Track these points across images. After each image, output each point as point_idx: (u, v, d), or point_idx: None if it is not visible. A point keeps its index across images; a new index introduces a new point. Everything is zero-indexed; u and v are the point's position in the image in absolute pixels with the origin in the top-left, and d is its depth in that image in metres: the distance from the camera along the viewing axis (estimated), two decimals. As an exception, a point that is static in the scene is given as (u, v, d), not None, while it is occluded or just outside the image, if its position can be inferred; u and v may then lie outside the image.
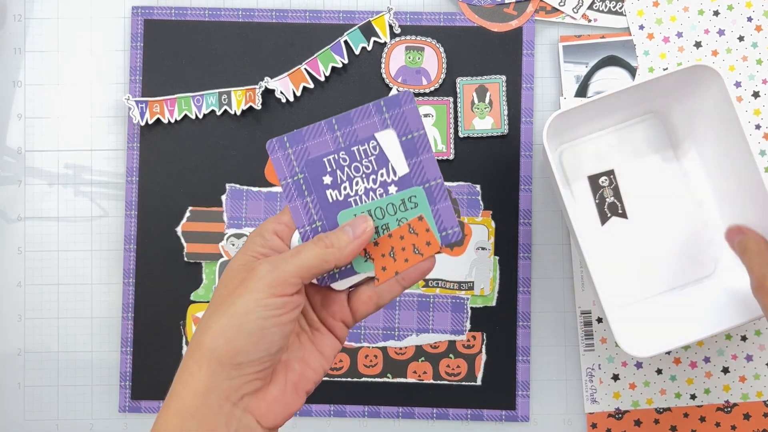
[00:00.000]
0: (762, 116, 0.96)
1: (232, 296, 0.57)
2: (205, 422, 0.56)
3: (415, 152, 0.62)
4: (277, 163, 0.62)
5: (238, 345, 0.56)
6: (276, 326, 0.57)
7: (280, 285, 0.57)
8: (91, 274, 1.00)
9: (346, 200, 0.62)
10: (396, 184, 0.62)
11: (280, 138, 0.62)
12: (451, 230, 0.62)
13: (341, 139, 0.62)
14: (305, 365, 0.62)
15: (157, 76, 0.99)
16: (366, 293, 0.64)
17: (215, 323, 0.56)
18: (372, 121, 0.62)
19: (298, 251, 0.59)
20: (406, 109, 0.62)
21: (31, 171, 1.00)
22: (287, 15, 0.99)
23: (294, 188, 0.63)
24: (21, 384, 1.00)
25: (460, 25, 0.98)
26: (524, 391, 0.97)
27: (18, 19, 1.00)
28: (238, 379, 0.56)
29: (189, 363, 0.57)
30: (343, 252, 0.59)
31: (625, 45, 0.97)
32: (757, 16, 0.96)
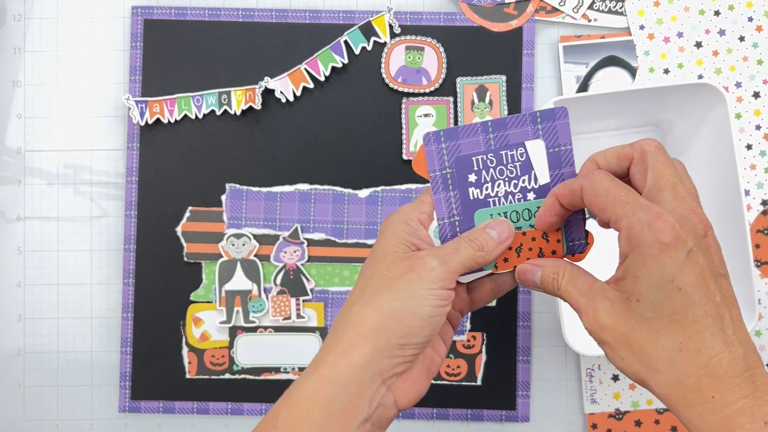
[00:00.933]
0: (762, 117, 0.96)
1: (401, 281, 0.60)
2: (354, 394, 0.58)
3: (559, 165, 0.65)
4: (430, 156, 0.65)
5: (408, 327, 0.59)
6: (440, 315, 0.60)
7: (447, 279, 0.60)
8: (91, 274, 1.00)
9: (486, 200, 0.65)
10: (535, 191, 0.65)
11: (437, 132, 0.65)
12: (578, 241, 0.66)
13: (493, 141, 0.65)
14: (434, 351, 0.66)
15: (157, 76, 0.99)
16: (488, 286, 0.67)
17: (387, 303, 0.59)
18: (525, 129, 0.64)
19: (457, 249, 0.62)
20: (558, 123, 0.64)
21: (31, 171, 1.00)
22: (287, 15, 0.99)
23: (441, 181, 0.65)
24: (21, 384, 1.00)
25: (460, 25, 0.98)
26: (524, 391, 0.97)
27: (18, 19, 1.00)
28: (398, 358, 0.60)
29: (350, 335, 0.59)
30: (490, 255, 0.63)
31: (625, 45, 0.97)
32: (758, 16, 0.96)
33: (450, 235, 0.66)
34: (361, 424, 0.59)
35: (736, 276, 0.83)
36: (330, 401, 0.58)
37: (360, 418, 0.59)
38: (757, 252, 0.96)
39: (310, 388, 0.59)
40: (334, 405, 0.58)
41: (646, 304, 0.54)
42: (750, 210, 0.96)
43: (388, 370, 0.59)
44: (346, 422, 0.58)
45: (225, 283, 0.98)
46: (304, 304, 0.98)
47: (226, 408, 0.98)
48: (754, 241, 0.96)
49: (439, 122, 0.97)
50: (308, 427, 0.57)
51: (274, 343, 0.98)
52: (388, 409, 0.61)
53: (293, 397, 0.59)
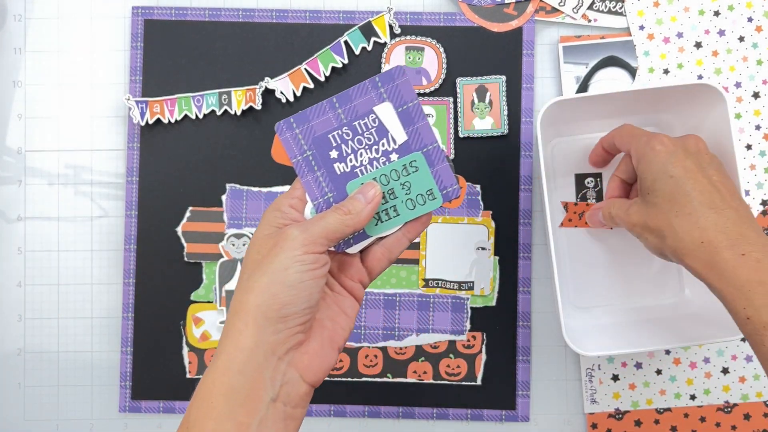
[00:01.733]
0: (762, 117, 0.96)
1: (268, 257, 0.62)
2: (252, 377, 0.60)
3: (411, 121, 0.67)
4: (287, 143, 0.68)
5: (282, 298, 0.60)
6: (312, 279, 0.61)
7: (311, 243, 0.62)
8: (91, 274, 1.00)
9: (353, 171, 0.68)
10: (396, 152, 0.68)
11: (287, 120, 0.67)
12: (451, 188, 0.68)
13: (343, 115, 0.67)
14: (335, 323, 0.67)
15: (157, 76, 0.99)
16: (378, 251, 0.70)
17: (257, 282, 0.61)
18: (369, 96, 0.67)
19: (322, 217, 0.64)
20: (399, 82, 0.67)
21: (31, 171, 1.00)
22: (287, 15, 0.99)
23: (304, 164, 0.68)
24: (21, 384, 1.00)
25: (460, 25, 0.98)
26: (524, 391, 0.97)
27: (18, 19, 1.00)
28: (284, 332, 0.61)
29: (234, 322, 0.61)
30: (360, 216, 0.65)
31: (625, 45, 0.97)
32: (758, 17, 0.96)
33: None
34: (269, 404, 0.60)
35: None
36: (231, 389, 0.59)
37: (266, 398, 0.60)
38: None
39: (210, 381, 0.60)
40: (236, 392, 0.59)
41: (654, 193, 0.77)
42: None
43: (280, 345, 0.61)
44: (251, 405, 0.59)
45: (225, 283, 0.98)
46: (304, 304, 0.98)
47: (226, 408, 0.98)
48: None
49: (439, 122, 0.97)
50: (216, 419, 0.59)
51: (275, 343, 0.98)
52: (296, 385, 0.62)
53: (198, 394, 0.60)
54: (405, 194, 0.68)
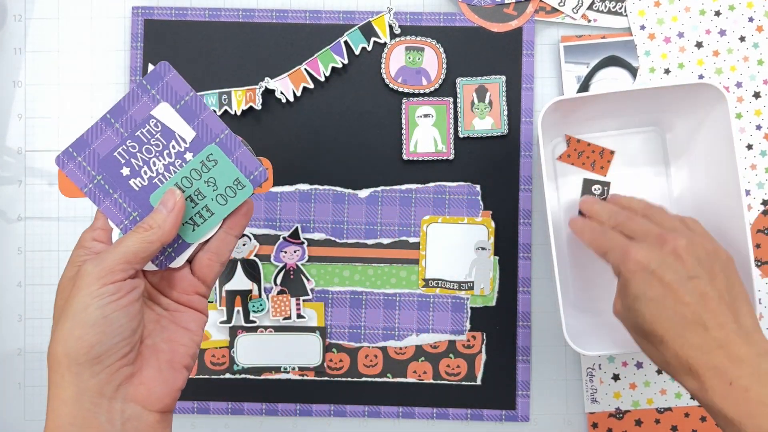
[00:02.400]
0: (763, 117, 0.96)
1: (69, 302, 0.58)
2: (85, 426, 0.57)
3: (194, 115, 0.64)
4: (72, 175, 0.64)
5: (88, 339, 0.57)
6: (117, 310, 0.58)
7: (108, 274, 0.58)
8: (91, 274, 1.00)
9: (152, 183, 0.64)
10: (190, 150, 0.65)
11: (66, 150, 0.64)
12: (257, 171, 0.65)
13: (122, 129, 0.64)
14: (174, 343, 0.64)
15: (157, 76, 0.99)
16: (205, 257, 0.67)
17: (59, 330, 0.58)
18: (143, 101, 0.64)
19: (120, 241, 0.60)
20: (168, 78, 0.64)
21: (31, 171, 1.00)
22: (287, 15, 0.99)
23: (98, 191, 0.64)
24: (21, 384, 1.00)
25: (460, 26, 0.98)
26: (524, 391, 0.97)
27: (18, 19, 1.00)
28: (103, 372, 0.58)
29: (51, 376, 0.58)
30: (164, 228, 0.62)
31: (626, 45, 0.97)
32: (759, 17, 0.96)
33: None
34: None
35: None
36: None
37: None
38: (757, 252, 0.96)
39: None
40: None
41: (636, 313, 0.74)
42: (750, 210, 0.96)
43: (105, 386, 0.58)
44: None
45: (225, 283, 0.98)
46: (304, 304, 0.98)
47: (226, 408, 0.98)
48: (754, 241, 0.96)
49: (439, 122, 0.97)
50: None
51: (274, 342, 0.98)
52: (141, 418, 0.59)
53: None
54: (213, 191, 0.65)
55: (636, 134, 0.95)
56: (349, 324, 0.98)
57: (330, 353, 0.98)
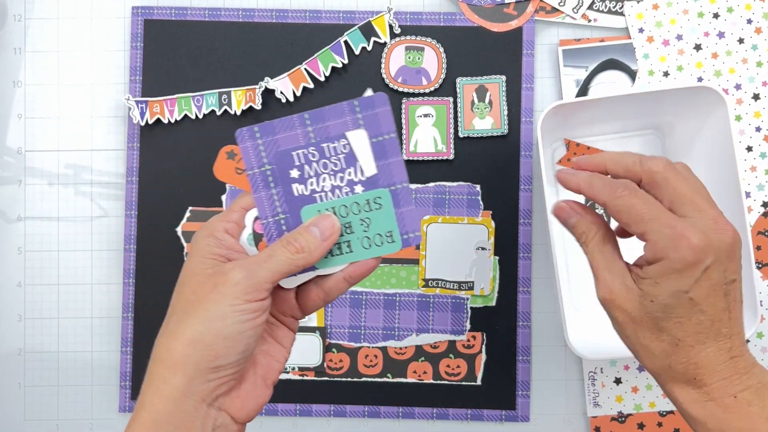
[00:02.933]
0: (762, 119, 0.96)
1: (204, 302, 0.57)
2: (180, 427, 0.56)
3: (384, 155, 0.63)
4: (246, 153, 0.63)
5: (217, 350, 0.56)
6: (251, 329, 0.57)
7: (255, 291, 0.57)
8: (91, 274, 1.00)
9: (312, 195, 0.63)
10: (363, 184, 0.63)
11: (250, 128, 0.62)
12: (413, 234, 0.63)
13: (312, 134, 0.62)
14: (270, 357, 0.63)
15: (157, 76, 0.99)
16: (314, 292, 0.64)
17: (190, 329, 0.56)
18: (344, 119, 0.62)
19: (270, 256, 0.59)
20: (379, 111, 0.62)
21: (31, 171, 1.00)
22: (287, 15, 0.99)
23: (260, 179, 0.63)
24: (21, 384, 1.00)
25: (460, 25, 0.98)
26: (524, 391, 0.98)
27: (18, 19, 1.00)
28: (215, 381, 0.57)
29: (160, 370, 0.57)
30: (313, 256, 0.60)
31: (624, 48, 0.97)
32: (757, 18, 0.96)
33: (276, 234, 0.63)
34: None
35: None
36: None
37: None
38: (758, 254, 0.96)
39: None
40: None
41: (659, 305, 0.61)
42: (751, 212, 0.96)
43: (210, 394, 0.57)
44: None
45: (225, 283, 0.98)
46: (304, 304, 0.98)
47: (226, 408, 0.98)
48: (755, 243, 0.96)
49: (439, 122, 0.97)
50: None
51: (275, 343, 0.98)
52: (228, 427, 0.59)
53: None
54: (363, 231, 0.63)
55: (635, 137, 0.95)
56: (349, 324, 0.99)
57: (330, 353, 0.98)
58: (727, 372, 0.61)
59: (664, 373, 0.64)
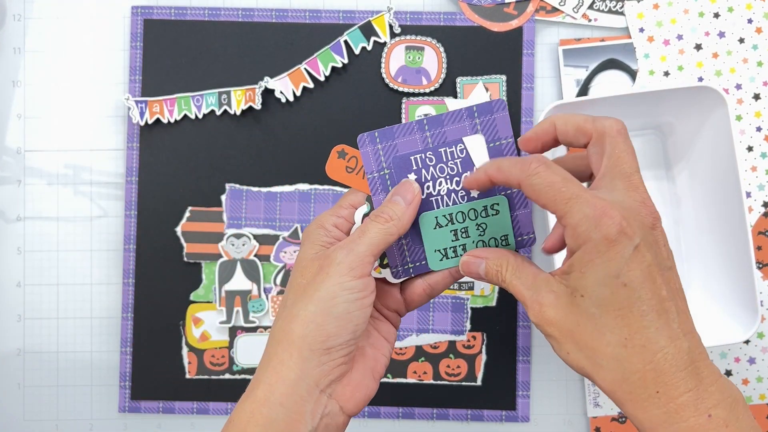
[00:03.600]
0: (763, 118, 0.96)
1: (313, 284, 0.59)
2: (293, 410, 0.57)
3: None
4: (366, 157, 0.64)
5: (328, 329, 0.58)
6: (360, 309, 0.59)
7: (358, 266, 0.59)
8: (90, 274, 1.00)
9: (428, 199, 0.64)
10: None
11: (371, 133, 0.64)
12: (527, 236, 0.64)
13: (430, 139, 0.64)
14: (376, 350, 0.64)
15: (157, 76, 0.99)
16: (421, 286, 0.66)
17: (303, 310, 0.58)
18: (462, 124, 0.63)
19: (363, 231, 0.60)
20: (497, 116, 0.63)
21: (31, 171, 0.99)
22: (287, 15, 0.99)
23: (379, 182, 0.64)
24: (20, 384, 1.00)
25: (460, 25, 0.98)
26: (524, 391, 0.98)
27: (18, 19, 1.00)
28: (328, 364, 0.58)
29: (278, 351, 0.58)
30: (403, 221, 0.61)
31: (625, 48, 0.97)
32: (758, 18, 0.96)
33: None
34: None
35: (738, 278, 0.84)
36: (269, 421, 0.57)
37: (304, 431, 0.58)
38: (758, 254, 0.96)
39: (248, 411, 0.58)
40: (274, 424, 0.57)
41: (592, 299, 0.54)
42: (751, 212, 0.96)
43: (323, 378, 0.58)
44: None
45: (225, 283, 0.98)
46: (304, 304, 0.98)
47: (226, 408, 0.98)
48: (755, 243, 0.96)
49: (439, 123, 0.97)
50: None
51: (275, 343, 0.98)
52: (335, 417, 0.60)
53: (233, 423, 0.58)
54: (478, 235, 0.64)
55: (636, 137, 0.95)
56: (349, 324, 0.98)
57: (330, 353, 0.98)
58: (692, 382, 0.52)
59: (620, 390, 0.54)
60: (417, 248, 0.65)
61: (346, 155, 0.65)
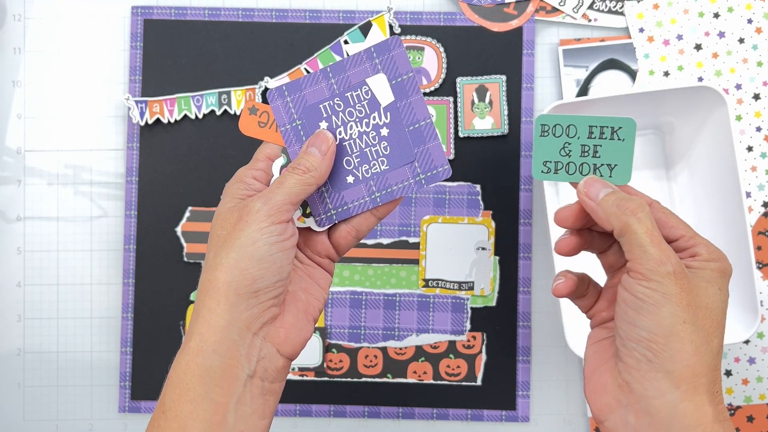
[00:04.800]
0: (763, 118, 0.96)
1: (233, 233, 0.60)
2: (227, 356, 0.58)
3: (405, 94, 0.65)
4: (277, 111, 0.66)
5: (252, 273, 0.59)
6: (281, 251, 0.60)
7: (276, 213, 0.60)
8: (90, 274, 1.00)
9: (341, 144, 0.66)
10: (387, 126, 0.65)
11: (279, 87, 0.66)
12: (441, 168, 0.65)
13: (335, 86, 0.65)
14: (309, 294, 0.66)
15: (157, 76, 0.99)
16: (346, 230, 0.68)
17: (225, 258, 0.59)
18: (363, 66, 0.65)
19: (281, 182, 0.62)
20: (395, 53, 0.64)
21: (31, 171, 0.99)
22: (287, 15, 0.99)
23: (293, 134, 0.66)
24: (20, 384, 1.00)
25: (460, 25, 0.98)
26: (524, 391, 0.98)
27: (18, 19, 1.00)
28: (256, 307, 0.60)
29: (206, 302, 0.59)
30: (320, 171, 0.63)
31: (625, 48, 0.97)
32: (758, 18, 0.96)
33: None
34: (247, 381, 0.59)
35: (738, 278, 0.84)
36: (206, 369, 0.58)
37: (242, 376, 0.59)
38: (758, 254, 0.96)
39: (184, 363, 0.58)
40: (211, 372, 0.58)
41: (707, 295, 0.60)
42: (751, 212, 0.96)
43: (253, 321, 0.59)
44: (228, 385, 0.58)
45: (225, 283, 0.98)
46: (304, 304, 0.98)
47: (226, 408, 0.98)
48: (755, 243, 0.96)
49: (439, 122, 0.97)
50: (192, 401, 0.57)
51: (275, 343, 0.98)
52: (273, 360, 0.61)
53: (172, 378, 0.59)
54: (592, 156, 0.66)
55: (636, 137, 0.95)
56: (349, 324, 0.98)
57: (330, 353, 0.98)
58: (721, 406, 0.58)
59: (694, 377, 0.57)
60: (337, 195, 0.66)
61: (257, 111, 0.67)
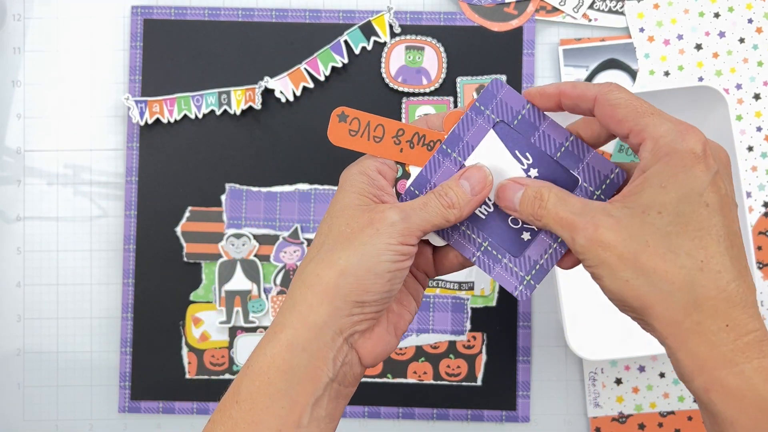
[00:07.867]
0: (763, 118, 0.96)
1: (360, 236, 0.57)
2: (315, 356, 0.56)
3: (533, 127, 0.59)
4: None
5: (366, 284, 0.56)
6: (400, 271, 0.57)
7: (409, 235, 0.57)
8: (90, 274, 1.00)
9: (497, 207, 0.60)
10: (534, 166, 0.59)
11: (408, 190, 0.60)
12: (612, 174, 0.57)
13: (459, 158, 0.60)
14: (402, 306, 0.63)
15: (157, 76, 0.99)
16: (452, 252, 0.62)
17: (344, 260, 0.56)
18: (478, 124, 0.59)
19: (425, 204, 0.58)
20: (501, 95, 0.59)
21: (31, 171, 0.99)
22: (287, 15, 0.99)
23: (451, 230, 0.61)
24: (20, 384, 1.00)
25: (461, 25, 0.98)
26: (525, 391, 0.98)
27: (18, 18, 1.00)
28: (358, 316, 0.57)
29: (307, 296, 0.57)
30: (463, 212, 0.58)
31: (625, 48, 0.97)
32: (758, 18, 0.96)
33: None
34: (327, 384, 0.57)
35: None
36: (291, 366, 0.55)
37: (325, 379, 0.56)
38: (758, 254, 0.96)
39: (269, 355, 0.56)
40: (296, 369, 0.55)
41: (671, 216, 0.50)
42: (752, 212, 0.96)
43: (349, 328, 0.57)
44: (310, 385, 0.56)
45: (225, 283, 0.98)
46: (304, 304, 0.98)
47: (226, 408, 0.98)
48: (756, 243, 0.96)
49: (439, 123, 0.97)
50: (270, 396, 0.55)
51: (275, 343, 0.98)
52: (353, 366, 0.59)
53: (253, 367, 0.56)
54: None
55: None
56: (349, 324, 0.98)
57: (330, 353, 0.98)
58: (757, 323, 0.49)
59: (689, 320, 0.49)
60: (523, 258, 0.60)
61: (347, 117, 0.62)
